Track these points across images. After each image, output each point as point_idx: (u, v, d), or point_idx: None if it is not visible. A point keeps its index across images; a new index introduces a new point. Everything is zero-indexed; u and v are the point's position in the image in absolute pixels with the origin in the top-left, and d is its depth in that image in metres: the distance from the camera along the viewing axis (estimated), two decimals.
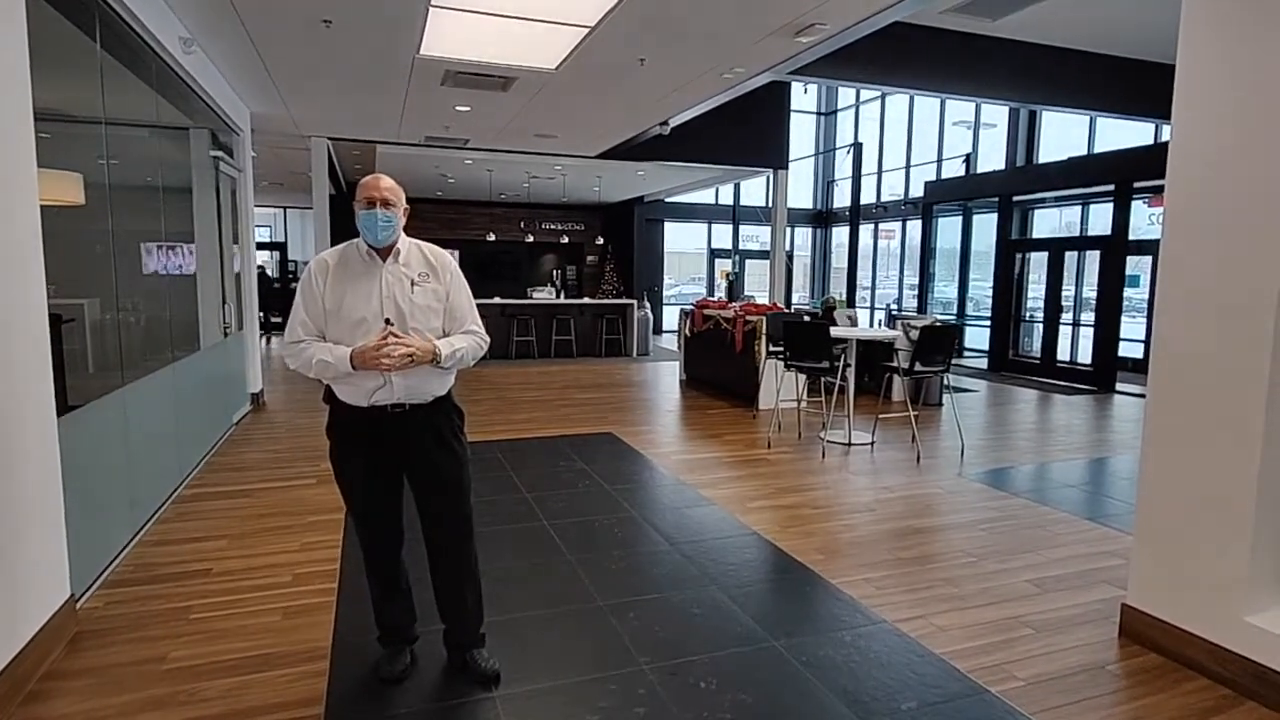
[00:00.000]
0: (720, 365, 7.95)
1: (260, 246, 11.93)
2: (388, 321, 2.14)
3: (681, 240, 17.84)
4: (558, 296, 13.36)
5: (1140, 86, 7.98)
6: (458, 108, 7.15)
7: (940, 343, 5.57)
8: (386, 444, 2.20)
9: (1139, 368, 9.51)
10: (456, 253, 15.82)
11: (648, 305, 12.56)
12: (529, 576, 3.14)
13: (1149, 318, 9.80)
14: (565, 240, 15.99)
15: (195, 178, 5.59)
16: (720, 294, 16.09)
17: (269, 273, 15.45)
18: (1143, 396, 7.94)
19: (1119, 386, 8.73)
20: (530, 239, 15.90)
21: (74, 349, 3.42)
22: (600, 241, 16.59)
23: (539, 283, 15.21)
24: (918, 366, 5.54)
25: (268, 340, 12.08)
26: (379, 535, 2.31)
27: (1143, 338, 9.95)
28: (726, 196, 16.82)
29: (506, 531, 3.73)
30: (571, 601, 2.91)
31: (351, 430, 2.20)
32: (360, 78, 6.07)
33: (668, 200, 16.11)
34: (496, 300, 11.06)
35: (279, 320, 15.66)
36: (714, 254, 17.51)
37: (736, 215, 16.73)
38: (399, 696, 2.24)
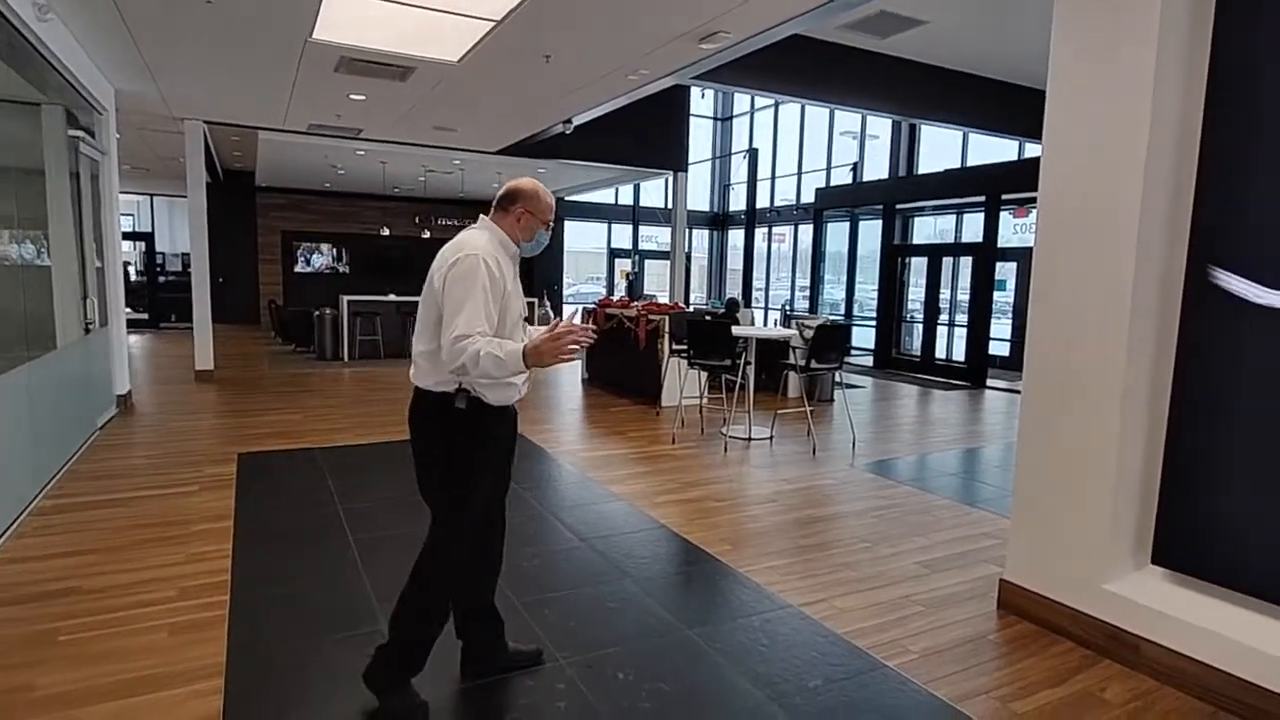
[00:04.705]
0: (623, 364, 8.01)
1: (125, 237, 10.87)
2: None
3: (581, 239, 17.83)
4: None
5: (1009, 107, 8.73)
6: (352, 96, 6.85)
7: (834, 341, 5.87)
8: (510, 436, 2.26)
9: (1006, 364, 10.37)
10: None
11: (549, 304, 12.48)
12: None
13: (1014, 319, 10.71)
14: None
15: (49, 159, 5.06)
16: (620, 293, 16.22)
17: (130, 270, 14.17)
18: (1009, 391, 8.74)
19: (989, 382, 9.49)
20: (426, 234, 15.40)
21: None
22: None
23: None
24: (813, 364, 5.80)
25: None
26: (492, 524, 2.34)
27: (1009, 337, 10.85)
28: (626, 197, 16.96)
29: (413, 534, 3.60)
30: None
31: (493, 433, 2.16)
32: (244, 59, 5.70)
33: (568, 199, 16.07)
34: (391, 298, 10.61)
35: (143, 317, 14.42)
36: (614, 254, 17.63)
37: (636, 215, 16.91)
38: (304, 710, 2.14)
